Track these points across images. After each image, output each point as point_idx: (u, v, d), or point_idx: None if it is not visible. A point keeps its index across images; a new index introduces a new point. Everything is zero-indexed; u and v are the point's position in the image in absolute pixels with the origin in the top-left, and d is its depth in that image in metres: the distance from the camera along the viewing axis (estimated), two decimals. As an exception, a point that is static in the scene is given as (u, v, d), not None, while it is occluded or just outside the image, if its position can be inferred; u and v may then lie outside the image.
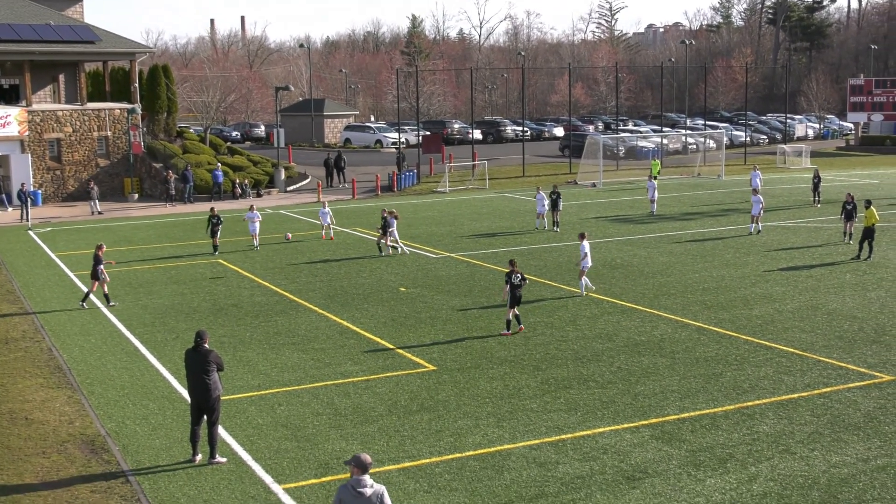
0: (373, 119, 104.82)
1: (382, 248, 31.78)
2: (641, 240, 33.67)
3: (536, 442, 14.71)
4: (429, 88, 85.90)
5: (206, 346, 14.20)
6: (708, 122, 79.76)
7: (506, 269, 28.18)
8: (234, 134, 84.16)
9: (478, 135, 77.76)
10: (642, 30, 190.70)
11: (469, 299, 24.72)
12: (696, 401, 16.48)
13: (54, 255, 32.69)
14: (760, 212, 34.35)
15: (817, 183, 42.08)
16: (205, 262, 30.88)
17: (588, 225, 37.11)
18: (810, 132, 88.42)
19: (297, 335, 21.38)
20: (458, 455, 14.25)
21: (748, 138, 76.11)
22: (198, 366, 14.04)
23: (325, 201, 39.79)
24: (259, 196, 50.02)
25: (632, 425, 15.35)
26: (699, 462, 13.86)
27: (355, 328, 21.88)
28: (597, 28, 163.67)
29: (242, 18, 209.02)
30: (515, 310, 20.88)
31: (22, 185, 43.36)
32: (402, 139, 63.70)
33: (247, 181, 50.18)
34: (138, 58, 51.91)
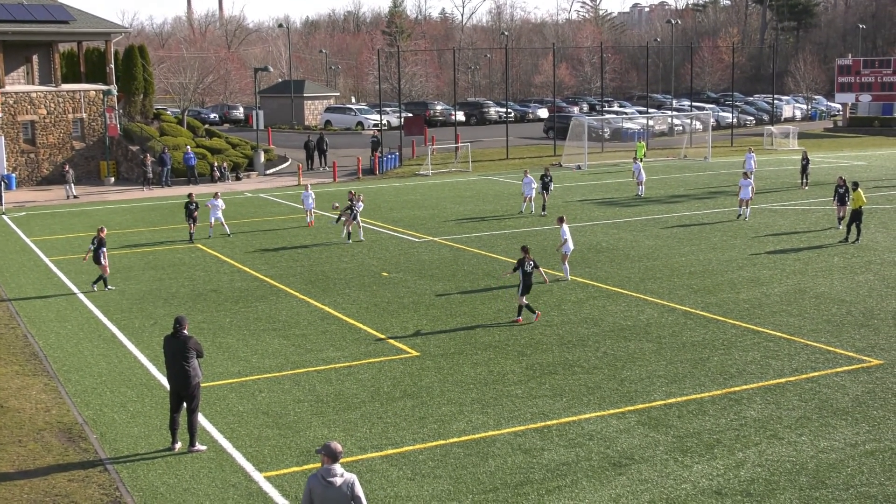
0: (354, 101, 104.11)
1: (345, 231, 30.37)
2: (627, 223, 33.48)
3: (521, 428, 14.52)
4: (411, 69, 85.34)
5: (186, 332, 13.96)
6: (694, 104, 79.71)
7: (494, 254, 28.24)
8: (213, 116, 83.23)
9: (461, 116, 77.33)
10: (627, 9, 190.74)
11: (452, 284, 24.47)
12: (683, 386, 16.33)
13: (29, 241, 32.18)
14: (751, 196, 33.70)
15: (805, 165, 42.01)
16: (183, 247, 30.48)
17: (573, 208, 36.89)
18: (798, 113, 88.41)
19: (278, 321, 21.09)
20: (442, 442, 14.05)
21: (735, 120, 75.97)
22: (177, 352, 13.82)
23: (307, 184, 39.37)
24: (238, 179, 49.50)
25: (618, 411, 15.18)
26: (686, 448, 13.70)
27: (337, 314, 21.60)
28: (581, 7, 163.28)
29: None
30: (524, 298, 20.54)
31: (-5, 168, 42.72)
32: (384, 121, 63.08)
33: (225, 164, 49.60)
34: (114, 38, 51.14)
